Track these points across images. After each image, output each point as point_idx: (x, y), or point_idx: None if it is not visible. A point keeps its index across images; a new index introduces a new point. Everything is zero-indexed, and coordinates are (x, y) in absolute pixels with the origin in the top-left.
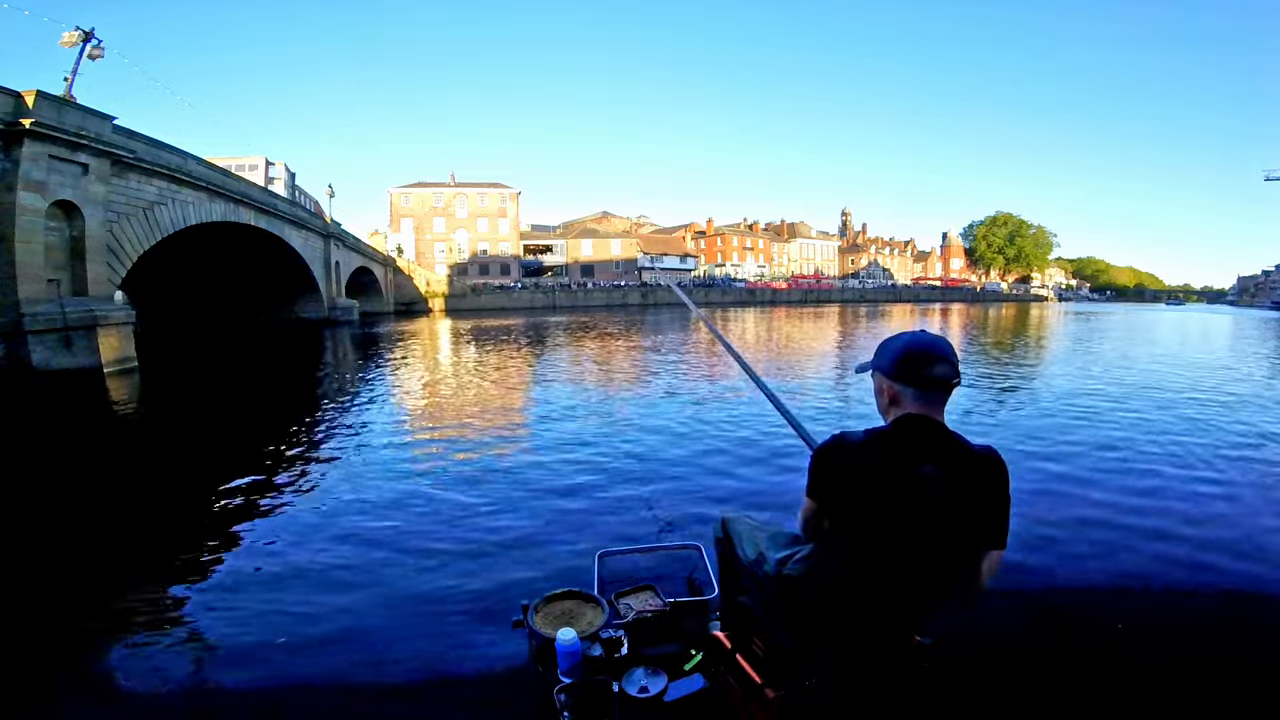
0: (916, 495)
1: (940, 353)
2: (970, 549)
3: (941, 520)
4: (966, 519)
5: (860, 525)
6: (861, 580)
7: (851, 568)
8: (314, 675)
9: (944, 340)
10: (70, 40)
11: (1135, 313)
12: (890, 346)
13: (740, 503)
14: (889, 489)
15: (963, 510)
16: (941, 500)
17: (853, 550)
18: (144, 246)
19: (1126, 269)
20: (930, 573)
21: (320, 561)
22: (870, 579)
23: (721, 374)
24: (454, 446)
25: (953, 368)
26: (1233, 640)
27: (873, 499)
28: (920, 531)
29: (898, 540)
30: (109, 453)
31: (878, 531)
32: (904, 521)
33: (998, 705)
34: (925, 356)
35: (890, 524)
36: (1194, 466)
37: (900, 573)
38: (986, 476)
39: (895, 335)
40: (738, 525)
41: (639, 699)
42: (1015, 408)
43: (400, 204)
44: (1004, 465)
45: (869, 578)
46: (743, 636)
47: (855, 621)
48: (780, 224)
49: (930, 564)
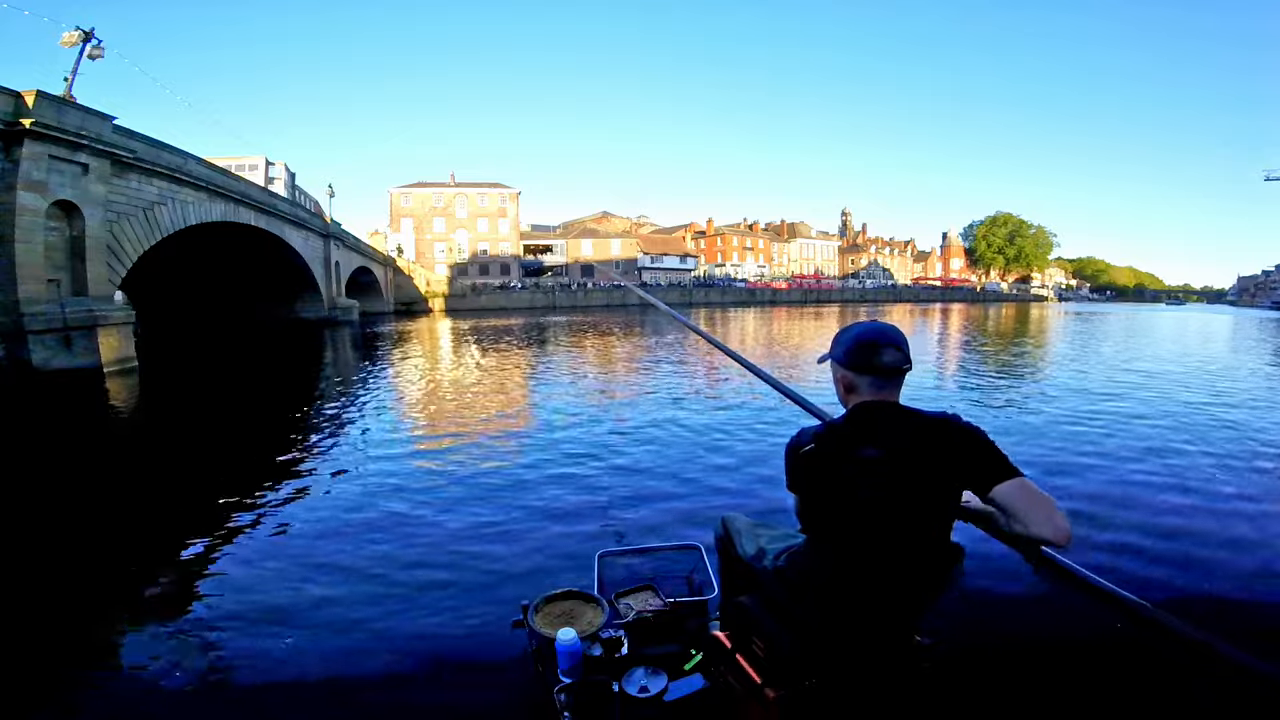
0: (857, 479)
1: (890, 340)
2: (942, 515)
3: (886, 498)
4: (920, 488)
5: (817, 515)
6: (831, 569)
7: (821, 557)
8: (313, 674)
9: (894, 328)
10: (70, 40)
11: (1136, 313)
12: (843, 337)
13: (741, 502)
14: (832, 477)
15: (911, 481)
16: (882, 478)
17: (818, 540)
18: (144, 246)
19: (1126, 269)
20: (895, 550)
21: (319, 561)
22: (837, 566)
23: (722, 373)
24: (454, 446)
25: (903, 354)
26: (1236, 640)
27: (821, 489)
28: (865, 513)
29: (847, 525)
30: (109, 453)
31: (829, 519)
32: (846, 506)
33: (998, 705)
34: (875, 345)
35: (836, 510)
36: (1215, 470)
37: (862, 556)
38: (935, 438)
39: (848, 325)
40: (738, 523)
41: (639, 699)
42: (1019, 410)
43: (400, 204)
44: (958, 421)
45: (836, 564)
46: (743, 636)
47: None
48: (780, 224)
49: (890, 542)
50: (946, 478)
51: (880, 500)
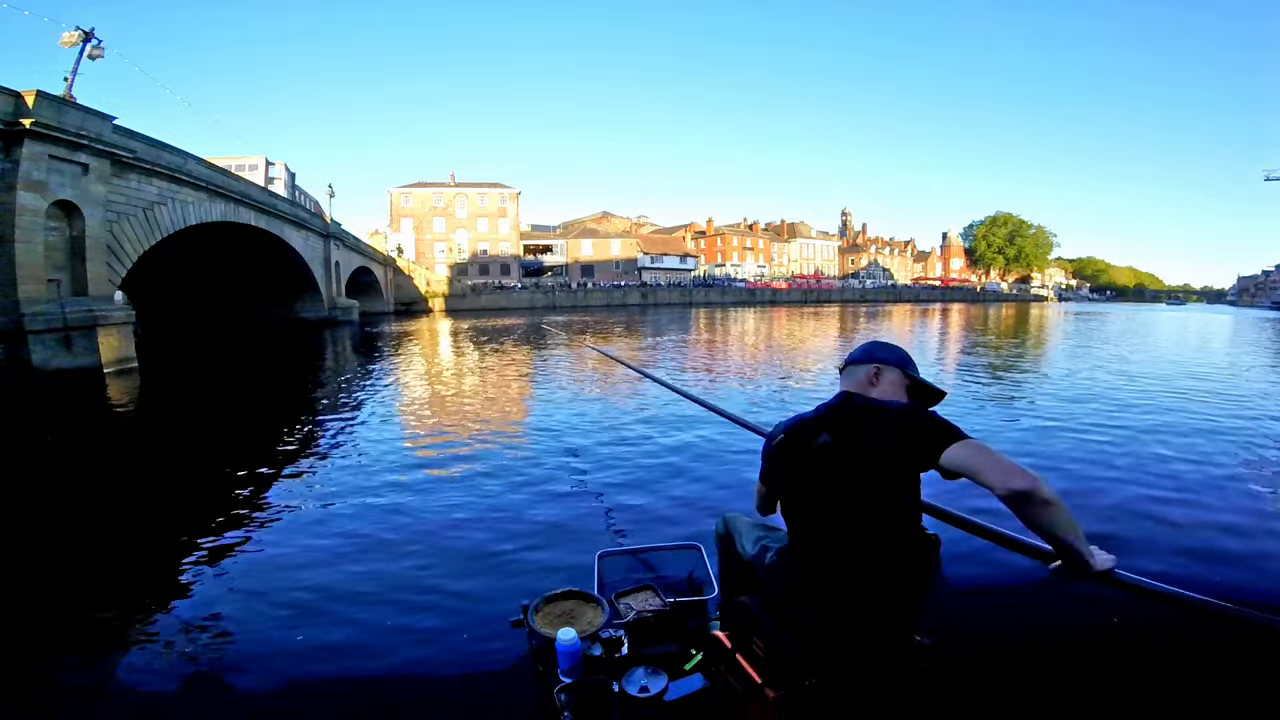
0: (810, 463)
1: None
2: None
3: (832, 480)
4: (864, 468)
5: (787, 505)
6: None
7: (797, 550)
8: (312, 673)
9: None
10: (70, 40)
11: (1136, 313)
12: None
13: (742, 503)
14: (791, 463)
15: (855, 462)
16: (827, 459)
17: (793, 532)
18: (144, 246)
19: (1126, 269)
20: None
21: (318, 561)
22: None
23: (722, 374)
24: (454, 447)
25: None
26: (1235, 640)
27: (786, 476)
28: (816, 496)
29: (806, 511)
30: (109, 453)
31: (793, 507)
32: (804, 492)
33: (998, 705)
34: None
35: (796, 497)
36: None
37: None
38: (884, 422)
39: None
40: (738, 523)
41: (639, 699)
42: (1020, 413)
43: (400, 204)
44: (914, 408)
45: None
46: (743, 636)
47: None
48: (780, 224)
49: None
50: (892, 457)
51: (827, 482)
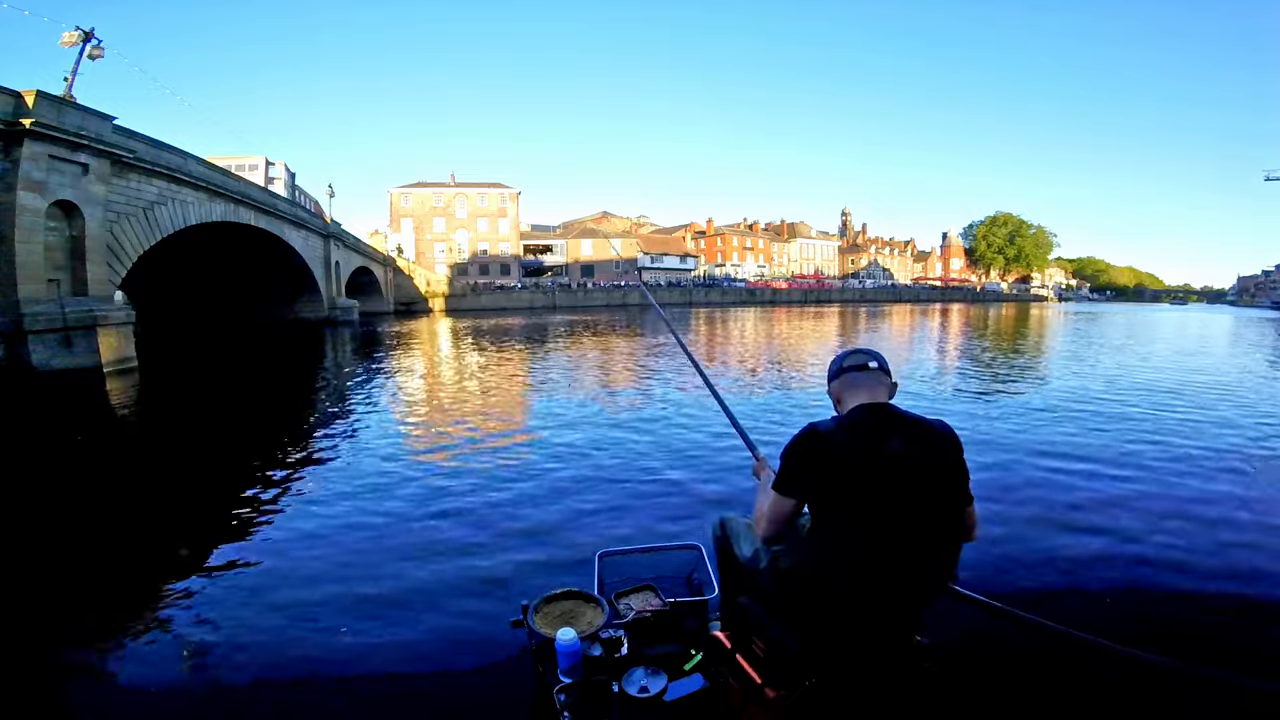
0: (891, 468)
1: (856, 350)
2: (949, 513)
3: (916, 488)
4: (936, 485)
5: (847, 504)
6: (849, 563)
7: (846, 548)
8: (312, 673)
9: (865, 349)
10: (70, 40)
11: (1137, 312)
12: (830, 365)
13: (741, 503)
14: (865, 466)
15: (931, 477)
16: (913, 469)
17: (847, 530)
18: (144, 246)
19: (1127, 269)
20: (921, 539)
21: (318, 561)
22: (867, 554)
23: (721, 374)
24: (453, 448)
25: (866, 355)
26: (1233, 639)
27: (853, 477)
28: (901, 501)
29: (883, 513)
30: (109, 452)
31: (864, 507)
32: (884, 494)
33: (998, 705)
34: (846, 355)
35: (873, 498)
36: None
37: (894, 543)
38: (945, 445)
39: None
40: (735, 525)
41: (639, 699)
42: (1022, 415)
43: (400, 204)
44: (956, 434)
45: (866, 553)
46: (743, 636)
47: (857, 606)
48: (780, 224)
49: (918, 531)
50: (960, 471)
51: (909, 488)
